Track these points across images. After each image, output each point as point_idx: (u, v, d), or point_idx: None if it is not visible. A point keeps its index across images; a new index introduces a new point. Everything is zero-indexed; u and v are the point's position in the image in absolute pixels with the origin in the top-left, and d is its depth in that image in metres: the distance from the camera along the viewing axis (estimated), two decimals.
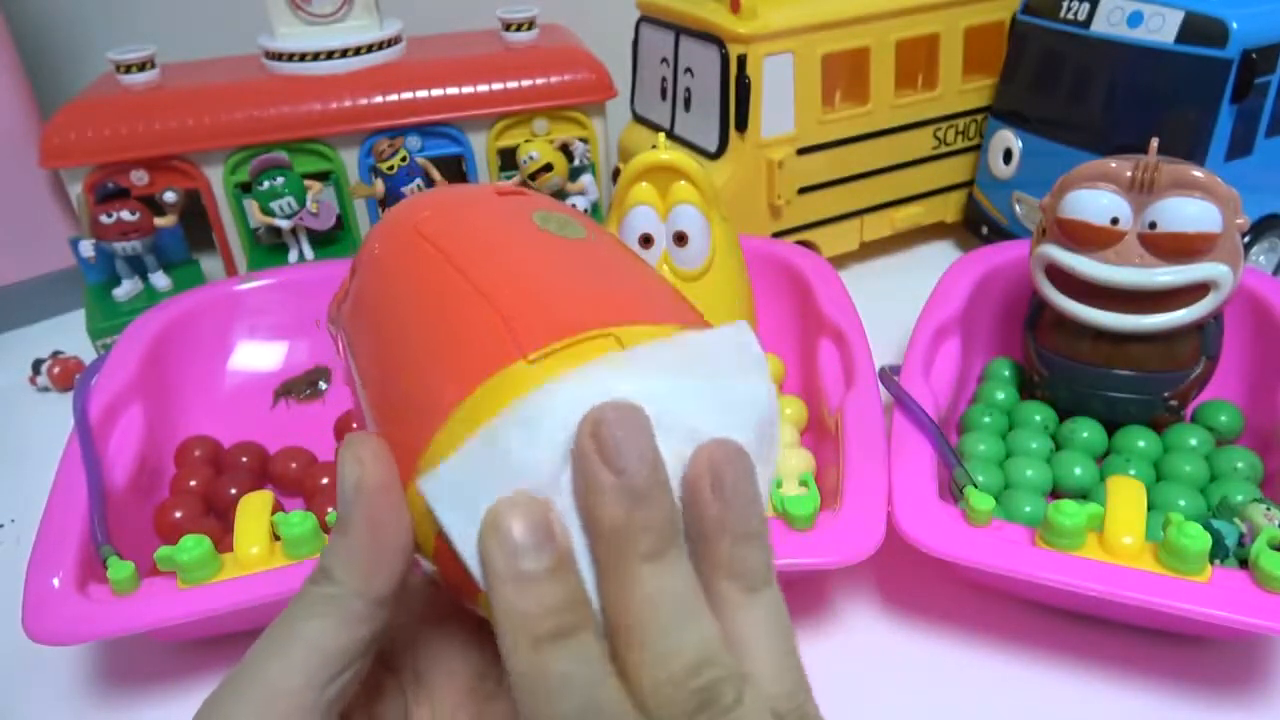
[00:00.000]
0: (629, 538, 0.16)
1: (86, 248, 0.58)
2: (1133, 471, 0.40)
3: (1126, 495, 0.33)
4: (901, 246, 0.67)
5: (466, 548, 0.17)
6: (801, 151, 0.58)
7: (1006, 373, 0.47)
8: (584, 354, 0.18)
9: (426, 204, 0.24)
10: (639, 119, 0.68)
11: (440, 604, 0.23)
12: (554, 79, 0.63)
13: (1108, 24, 0.52)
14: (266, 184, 0.58)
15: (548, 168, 0.61)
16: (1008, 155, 0.60)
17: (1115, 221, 0.39)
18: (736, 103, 0.55)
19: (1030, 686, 0.34)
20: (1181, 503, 0.38)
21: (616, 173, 0.62)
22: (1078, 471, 0.41)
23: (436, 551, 0.19)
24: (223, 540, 0.38)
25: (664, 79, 0.62)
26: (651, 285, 0.22)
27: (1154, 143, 0.39)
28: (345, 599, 0.18)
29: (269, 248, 0.63)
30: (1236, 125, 0.49)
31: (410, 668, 0.22)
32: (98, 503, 0.36)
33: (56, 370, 0.55)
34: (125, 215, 0.56)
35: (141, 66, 0.61)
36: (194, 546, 0.33)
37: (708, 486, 0.17)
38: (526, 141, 0.63)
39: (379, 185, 0.61)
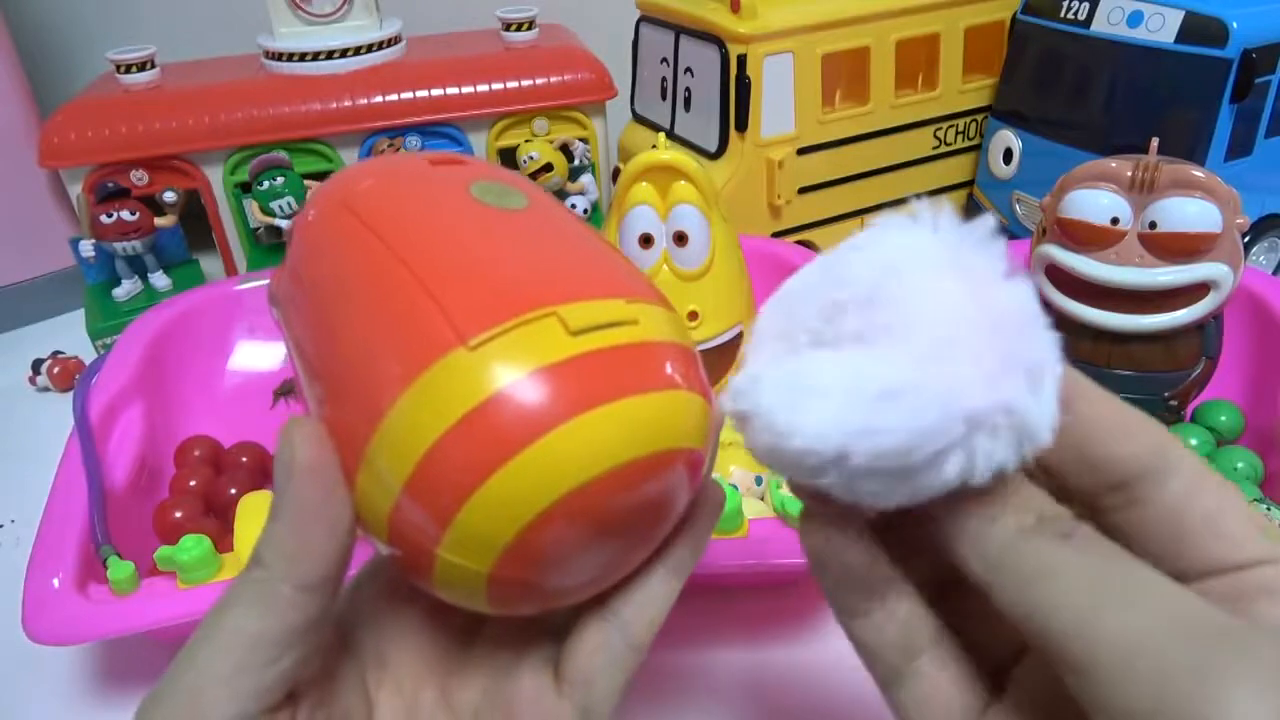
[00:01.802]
0: None
1: (86, 248, 0.58)
2: None
3: None
4: None
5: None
6: (801, 151, 0.58)
7: None
8: (527, 337, 0.18)
9: (356, 176, 0.23)
10: (639, 119, 0.68)
11: (400, 583, 0.23)
12: (554, 79, 0.63)
13: (1108, 24, 0.52)
14: (266, 184, 0.58)
15: (548, 168, 0.61)
16: (1008, 155, 0.60)
17: (1115, 221, 0.39)
18: (736, 103, 0.55)
19: None
20: None
21: (616, 173, 0.62)
22: None
23: (392, 533, 0.18)
24: (223, 540, 0.38)
25: (664, 79, 0.62)
26: (595, 256, 0.21)
27: (1154, 142, 0.39)
28: (271, 584, 0.18)
29: (269, 248, 0.63)
30: (1236, 125, 0.49)
31: (372, 649, 0.22)
32: (98, 503, 0.36)
33: (56, 370, 0.55)
34: (125, 215, 0.56)
35: (141, 66, 0.61)
36: (194, 546, 0.33)
37: None
38: (526, 141, 0.63)
39: None
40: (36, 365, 0.55)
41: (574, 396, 0.18)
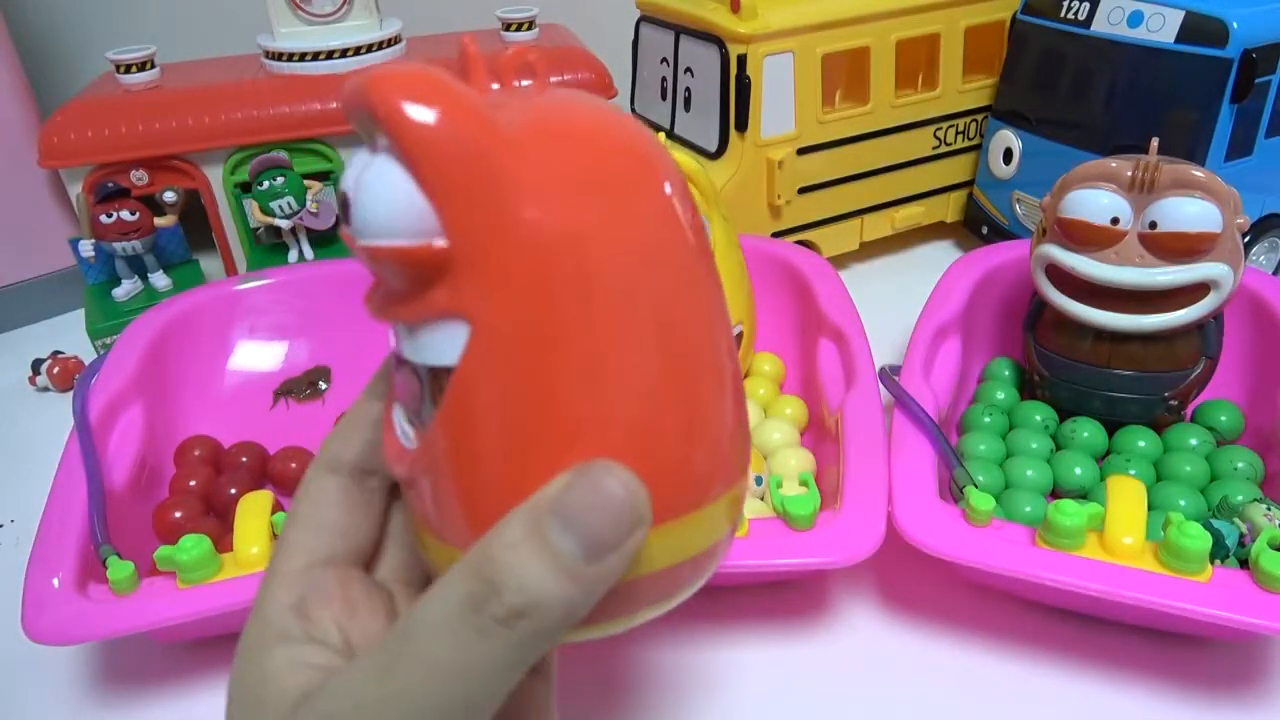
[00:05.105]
0: None
1: (86, 248, 0.58)
2: (1133, 471, 0.40)
3: (1127, 495, 0.33)
4: (901, 246, 0.67)
5: None
6: (801, 151, 0.58)
7: (1006, 373, 0.47)
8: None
9: (651, 145, 0.18)
10: (639, 119, 0.68)
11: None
12: (554, 79, 0.63)
13: (1108, 24, 0.52)
14: (266, 184, 0.58)
15: None
16: (1008, 155, 0.60)
17: (1115, 221, 0.39)
18: (736, 103, 0.55)
19: (1030, 686, 0.34)
20: (1182, 503, 0.38)
21: None
22: (1078, 471, 0.41)
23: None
24: (223, 540, 0.38)
25: (664, 79, 0.62)
26: None
27: (1154, 142, 0.39)
28: (536, 645, 0.16)
29: (269, 248, 0.63)
30: (1236, 125, 0.49)
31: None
32: (98, 503, 0.36)
33: (56, 370, 0.55)
34: (125, 215, 0.56)
35: (141, 66, 0.61)
36: (194, 546, 0.33)
37: None
38: None
39: None
40: (36, 365, 0.55)
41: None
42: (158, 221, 0.58)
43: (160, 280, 0.59)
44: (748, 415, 0.20)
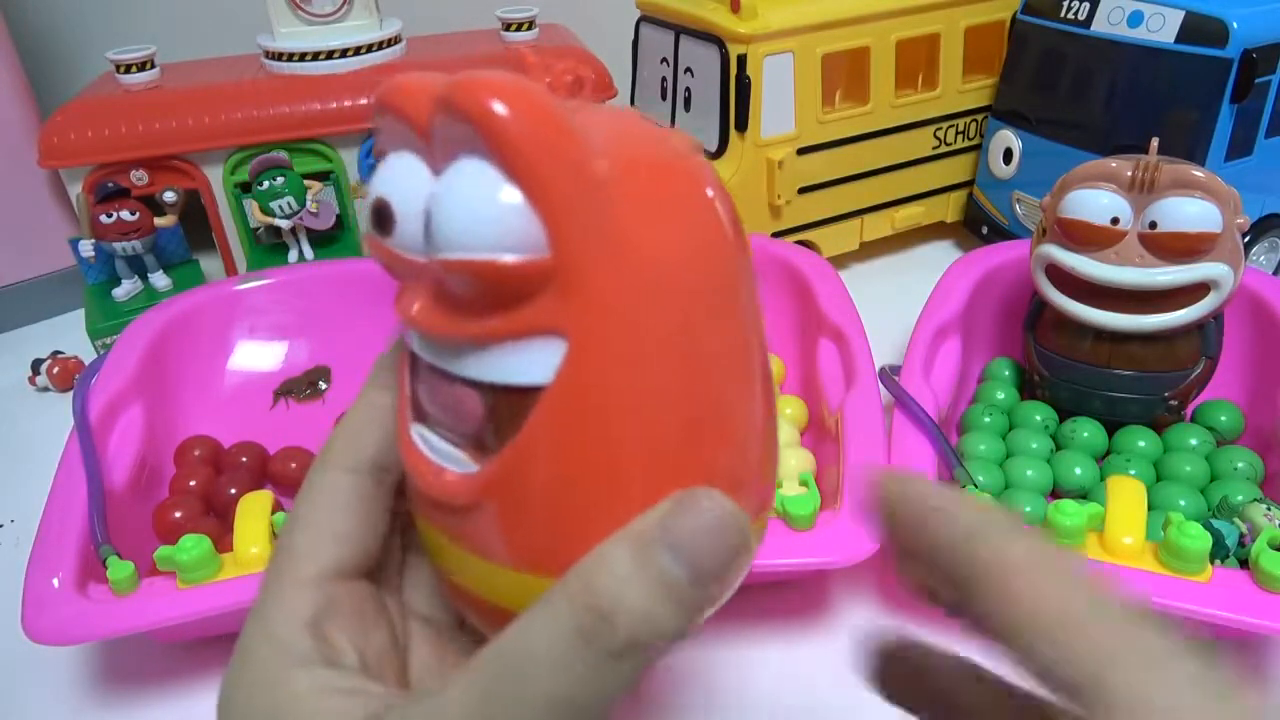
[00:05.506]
0: None
1: (86, 248, 0.58)
2: (1133, 471, 0.40)
3: (1127, 495, 0.33)
4: (901, 246, 0.67)
5: None
6: (801, 151, 0.58)
7: (1006, 373, 0.47)
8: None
9: (691, 152, 0.18)
10: None
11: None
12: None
13: (1108, 24, 0.52)
14: (266, 184, 0.58)
15: None
16: (1008, 155, 0.60)
17: (1115, 221, 0.39)
18: (736, 102, 0.55)
19: None
20: (1182, 503, 0.38)
21: None
22: (1078, 471, 0.41)
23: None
24: (223, 540, 0.38)
25: (664, 79, 0.62)
26: None
27: (1154, 142, 0.39)
28: (639, 674, 0.16)
29: (269, 248, 0.63)
30: (1236, 125, 0.49)
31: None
32: (98, 503, 0.36)
33: (56, 370, 0.55)
34: (125, 215, 0.56)
35: (141, 66, 0.61)
36: (194, 546, 0.33)
37: None
38: None
39: None
40: (36, 365, 0.55)
41: None
42: (158, 221, 0.58)
43: (160, 280, 0.59)
44: (777, 436, 0.19)
